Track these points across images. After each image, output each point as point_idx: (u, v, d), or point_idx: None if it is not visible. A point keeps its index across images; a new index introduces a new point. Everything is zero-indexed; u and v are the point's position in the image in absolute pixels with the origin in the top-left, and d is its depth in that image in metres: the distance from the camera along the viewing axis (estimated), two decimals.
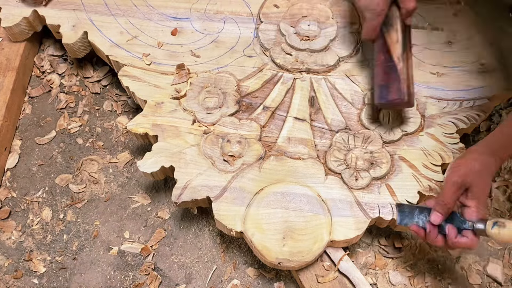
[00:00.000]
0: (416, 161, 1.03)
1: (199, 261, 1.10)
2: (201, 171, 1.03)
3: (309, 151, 1.05)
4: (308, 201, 0.99)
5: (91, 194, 1.18)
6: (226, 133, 1.07)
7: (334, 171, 1.03)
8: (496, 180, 1.14)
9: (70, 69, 1.34)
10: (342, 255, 0.99)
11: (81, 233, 1.13)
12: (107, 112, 1.29)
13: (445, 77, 1.11)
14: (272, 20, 1.20)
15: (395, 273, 1.06)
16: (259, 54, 1.17)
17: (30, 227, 1.14)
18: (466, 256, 1.07)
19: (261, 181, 1.02)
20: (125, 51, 1.18)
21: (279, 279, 1.07)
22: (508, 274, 1.05)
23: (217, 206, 1.00)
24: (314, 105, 1.10)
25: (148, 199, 1.17)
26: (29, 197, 1.17)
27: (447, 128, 1.06)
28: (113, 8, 1.24)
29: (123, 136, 1.25)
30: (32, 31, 1.28)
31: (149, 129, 1.08)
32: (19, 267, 1.10)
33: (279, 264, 0.95)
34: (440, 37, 1.16)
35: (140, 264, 1.09)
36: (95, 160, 1.21)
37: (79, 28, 1.20)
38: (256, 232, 0.96)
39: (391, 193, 1.00)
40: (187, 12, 1.23)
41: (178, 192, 1.01)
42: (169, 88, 1.13)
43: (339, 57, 1.14)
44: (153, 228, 1.13)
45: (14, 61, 1.26)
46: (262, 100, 1.11)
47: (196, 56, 1.17)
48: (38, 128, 1.27)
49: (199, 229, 1.13)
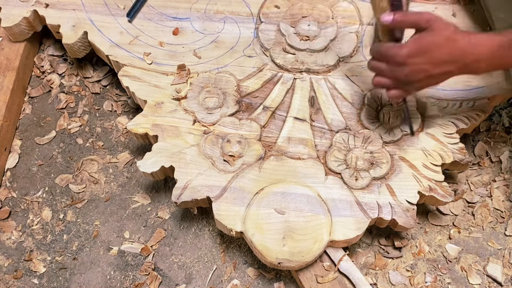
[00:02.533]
0: (416, 161, 1.03)
1: (199, 261, 1.10)
2: (201, 171, 1.03)
3: (309, 151, 1.05)
4: (308, 201, 0.99)
5: (91, 194, 1.18)
6: (226, 133, 1.07)
7: (334, 171, 1.03)
8: (496, 180, 1.14)
9: (70, 69, 1.34)
10: (342, 255, 0.99)
11: (81, 233, 1.13)
12: (107, 112, 1.29)
13: None
14: (272, 20, 1.20)
15: (395, 273, 1.06)
16: (259, 54, 1.17)
17: (30, 227, 1.14)
18: (466, 256, 1.08)
19: (261, 181, 1.02)
20: (125, 51, 1.18)
21: (279, 279, 1.07)
22: (508, 274, 1.05)
23: (217, 206, 1.00)
24: (314, 105, 1.11)
25: (148, 199, 1.17)
26: (29, 197, 1.17)
27: (447, 128, 1.06)
28: (113, 8, 1.24)
29: (123, 136, 1.25)
30: (32, 31, 1.28)
31: (149, 129, 1.08)
32: (19, 267, 1.10)
33: (279, 264, 0.95)
34: None
35: (140, 264, 1.09)
36: (95, 160, 1.21)
37: (79, 28, 1.20)
38: (256, 232, 0.96)
39: (391, 193, 1.00)
40: (187, 12, 1.23)
41: (178, 192, 1.01)
42: (169, 88, 1.13)
43: (339, 57, 1.14)
44: (153, 228, 1.13)
45: (14, 61, 1.26)
46: (262, 100, 1.11)
47: (197, 57, 1.17)
48: (38, 128, 1.27)
49: (199, 229, 1.13)
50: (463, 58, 0.83)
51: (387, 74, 0.88)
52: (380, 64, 0.88)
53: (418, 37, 0.84)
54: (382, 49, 0.87)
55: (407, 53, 0.84)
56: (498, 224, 1.11)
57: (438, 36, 0.82)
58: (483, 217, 1.11)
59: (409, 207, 0.99)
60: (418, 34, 0.84)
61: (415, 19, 0.84)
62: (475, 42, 0.82)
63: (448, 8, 1.20)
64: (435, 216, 1.12)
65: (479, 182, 1.15)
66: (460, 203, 1.13)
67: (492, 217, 1.11)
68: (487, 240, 1.09)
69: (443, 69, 0.84)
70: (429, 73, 0.85)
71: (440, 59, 0.83)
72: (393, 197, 1.00)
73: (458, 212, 1.12)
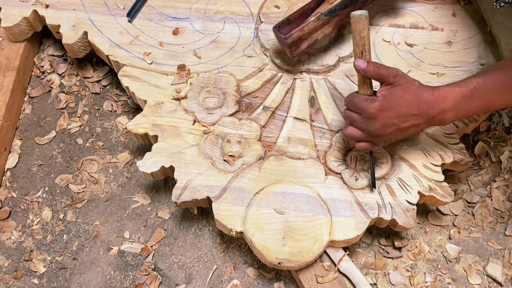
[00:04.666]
0: (416, 161, 1.03)
1: (199, 261, 1.10)
2: (201, 171, 1.03)
3: (309, 151, 1.05)
4: (308, 201, 0.99)
5: (91, 194, 1.18)
6: (226, 133, 1.07)
7: (334, 171, 1.03)
8: (496, 180, 1.14)
9: (70, 69, 1.34)
10: (342, 255, 0.99)
11: (81, 233, 1.13)
12: (107, 112, 1.29)
13: (445, 77, 1.11)
14: (272, 20, 1.20)
15: (395, 273, 1.06)
16: (259, 54, 1.17)
17: (30, 227, 1.14)
18: (466, 256, 1.08)
19: (261, 181, 1.02)
20: (125, 51, 1.18)
21: (279, 279, 1.07)
22: (508, 274, 1.05)
23: (217, 206, 1.00)
24: (314, 105, 1.11)
25: (148, 199, 1.17)
26: (29, 197, 1.17)
27: (447, 128, 1.06)
28: (113, 8, 1.24)
29: (123, 136, 1.25)
30: (32, 31, 1.28)
31: (149, 129, 1.08)
32: (19, 267, 1.10)
33: (279, 264, 0.95)
34: (440, 37, 1.17)
35: (140, 264, 1.09)
36: (95, 160, 1.21)
37: (79, 28, 1.20)
38: (256, 232, 0.96)
39: (391, 193, 1.00)
40: (187, 12, 1.23)
41: (178, 192, 1.01)
42: (169, 88, 1.13)
43: (339, 57, 1.14)
44: (153, 228, 1.13)
45: (14, 61, 1.26)
46: (262, 100, 1.11)
47: (197, 57, 1.17)
48: (38, 128, 1.27)
49: (199, 229, 1.13)
50: (429, 111, 0.87)
51: (359, 125, 0.91)
52: (353, 114, 0.91)
53: (388, 92, 0.88)
54: (356, 101, 0.90)
55: (378, 107, 0.87)
56: (498, 224, 1.11)
57: (406, 92, 0.87)
58: (483, 217, 1.11)
59: (409, 207, 0.99)
60: (387, 90, 0.88)
61: (384, 73, 0.88)
62: (438, 95, 0.87)
63: (448, 8, 1.20)
64: (435, 216, 1.12)
65: (479, 182, 1.15)
66: (460, 203, 1.13)
67: (492, 217, 1.11)
68: (487, 240, 1.09)
69: (411, 122, 0.88)
70: (398, 127, 0.88)
71: (408, 113, 0.87)
72: (393, 197, 1.00)
73: (458, 212, 1.12)
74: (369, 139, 0.91)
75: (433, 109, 0.86)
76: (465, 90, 0.86)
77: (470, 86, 0.86)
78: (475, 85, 0.86)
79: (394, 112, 0.87)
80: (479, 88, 0.86)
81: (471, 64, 1.13)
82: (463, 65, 1.13)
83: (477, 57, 1.13)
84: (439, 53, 1.15)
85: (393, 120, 0.87)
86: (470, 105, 0.87)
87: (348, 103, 0.93)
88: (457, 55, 1.14)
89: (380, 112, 0.87)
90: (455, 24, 1.18)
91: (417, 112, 0.87)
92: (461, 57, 1.14)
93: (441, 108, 0.86)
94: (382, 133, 0.89)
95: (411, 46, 1.16)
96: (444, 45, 1.16)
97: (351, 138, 0.94)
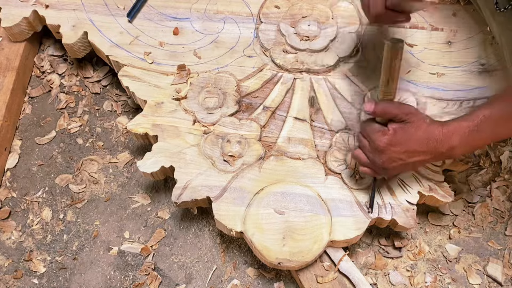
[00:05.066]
0: None
1: (199, 261, 1.10)
2: (201, 171, 1.03)
3: (309, 151, 1.05)
4: (308, 201, 0.99)
5: (91, 194, 1.18)
6: (226, 133, 1.07)
7: (334, 171, 1.03)
8: (496, 180, 1.14)
9: (70, 69, 1.34)
10: (342, 255, 0.99)
11: (81, 233, 1.13)
12: (107, 112, 1.29)
13: (445, 77, 1.11)
14: (272, 20, 1.20)
15: (395, 273, 1.06)
16: (259, 54, 1.17)
17: (30, 227, 1.14)
18: (466, 256, 1.08)
19: (261, 181, 1.02)
20: (125, 51, 1.18)
21: (279, 279, 1.07)
22: (508, 274, 1.05)
23: (217, 206, 1.00)
24: (314, 105, 1.11)
25: (148, 199, 1.17)
26: (29, 197, 1.17)
27: None
28: (113, 8, 1.24)
29: (123, 136, 1.25)
30: (32, 31, 1.28)
31: (149, 129, 1.08)
32: (19, 267, 1.10)
33: (279, 264, 0.95)
34: (440, 37, 1.17)
35: (140, 264, 1.09)
36: (95, 160, 1.21)
37: (79, 28, 1.20)
38: (256, 232, 0.96)
39: (391, 193, 1.00)
40: (187, 12, 1.23)
41: (178, 192, 1.01)
42: (169, 88, 1.13)
43: (339, 57, 1.14)
44: (153, 228, 1.13)
45: (14, 61, 1.26)
46: (262, 100, 1.11)
47: (197, 57, 1.17)
48: (38, 128, 1.27)
49: (199, 229, 1.13)
50: (438, 148, 0.88)
51: (366, 153, 0.92)
52: (364, 140, 0.92)
53: (399, 128, 0.88)
54: (368, 129, 0.91)
55: (387, 141, 0.88)
56: (498, 224, 1.11)
57: (417, 129, 0.87)
58: (483, 217, 1.11)
59: (409, 207, 0.99)
60: (399, 125, 0.88)
61: (395, 112, 0.88)
62: (447, 131, 0.87)
63: (448, 8, 1.20)
64: (435, 216, 1.12)
65: (479, 182, 1.15)
66: (460, 203, 1.13)
67: (492, 217, 1.11)
68: (487, 240, 1.09)
69: (418, 158, 0.89)
70: (404, 162, 0.89)
71: (417, 150, 0.88)
72: (393, 197, 1.00)
73: (458, 212, 1.12)
74: (373, 168, 0.92)
75: (442, 146, 0.87)
76: (472, 124, 0.86)
77: (476, 120, 0.86)
78: (481, 118, 0.86)
79: (402, 148, 0.88)
80: (486, 121, 0.86)
81: (471, 64, 1.13)
82: (463, 65, 1.13)
83: (477, 57, 1.13)
84: (439, 53, 1.15)
85: (400, 156, 0.88)
86: (478, 139, 0.88)
87: (361, 128, 0.94)
88: (457, 55, 1.14)
89: (388, 146, 0.88)
90: (455, 24, 1.18)
91: (426, 149, 0.88)
92: (461, 57, 1.14)
93: (450, 145, 0.87)
94: (387, 166, 0.90)
95: (411, 46, 1.16)
96: (444, 45, 1.16)
97: (358, 160, 0.96)
